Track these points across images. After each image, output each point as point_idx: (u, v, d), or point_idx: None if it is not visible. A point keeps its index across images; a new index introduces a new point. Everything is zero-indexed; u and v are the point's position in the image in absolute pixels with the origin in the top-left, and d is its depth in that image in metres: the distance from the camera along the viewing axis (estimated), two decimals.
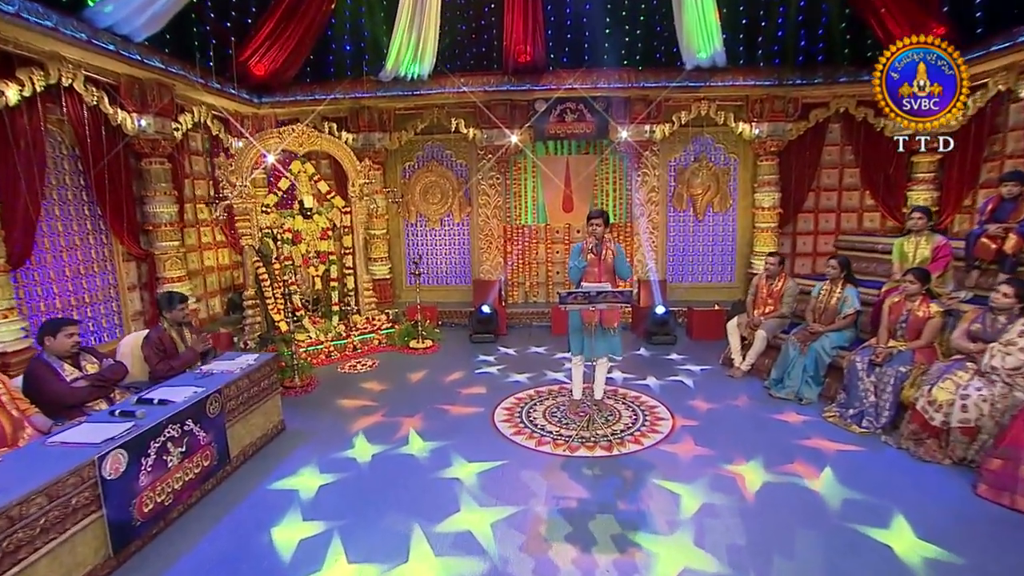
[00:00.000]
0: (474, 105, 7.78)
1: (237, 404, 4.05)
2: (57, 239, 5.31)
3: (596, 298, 4.01)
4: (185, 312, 4.28)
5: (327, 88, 7.64)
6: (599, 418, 4.61)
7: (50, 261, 5.22)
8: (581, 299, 4.01)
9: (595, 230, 4.45)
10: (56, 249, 5.30)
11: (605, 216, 4.50)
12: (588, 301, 4.04)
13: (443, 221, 8.78)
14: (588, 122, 7.82)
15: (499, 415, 4.92)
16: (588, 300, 4.03)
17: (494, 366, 6.28)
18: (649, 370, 6.03)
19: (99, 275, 5.75)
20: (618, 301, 4.02)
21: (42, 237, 5.14)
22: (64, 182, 5.40)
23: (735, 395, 5.26)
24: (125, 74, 5.62)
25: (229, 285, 7.83)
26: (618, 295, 3.98)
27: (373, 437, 4.45)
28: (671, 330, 6.98)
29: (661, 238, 8.48)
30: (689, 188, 8.35)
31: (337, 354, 6.71)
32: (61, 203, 5.36)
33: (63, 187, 5.38)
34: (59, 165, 5.35)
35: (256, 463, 4.09)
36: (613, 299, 4.00)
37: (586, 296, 4.01)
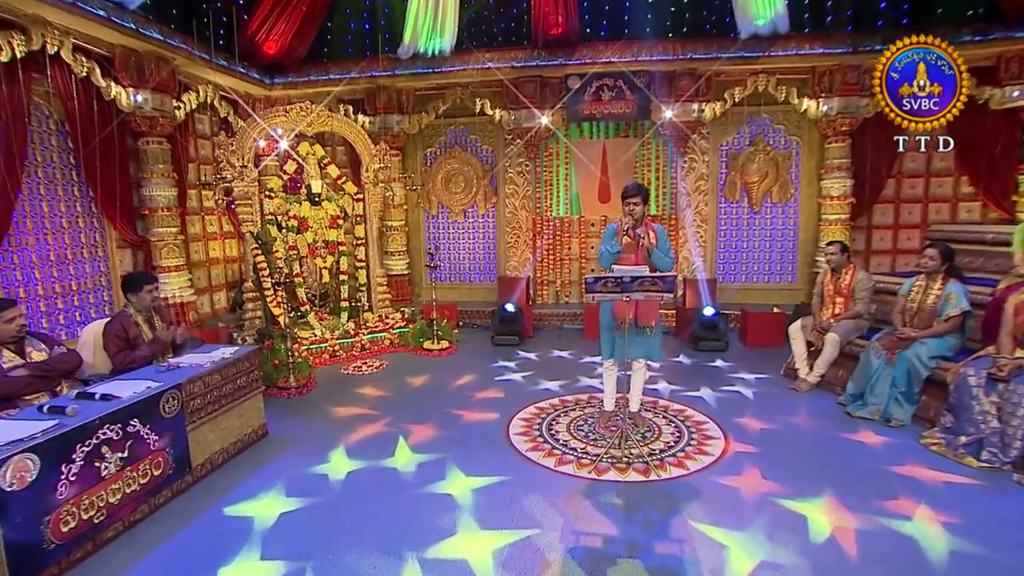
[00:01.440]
0: (500, 83, 7.23)
1: (204, 403, 3.57)
2: (42, 220, 5.03)
3: (631, 285, 3.33)
4: (154, 296, 3.85)
5: (342, 67, 7.26)
6: (634, 435, 3.91)
7: (32, 244, 4.94)
8: (612, 286, 3.33)
9: (632, 209, 3.82)
10: (40, 231, 5.02)
11: (644, 192, 3.86)
12: (621, 289, 3.37)
13: (466, 212, 8.24)
14: (627, 100, 7.14)
15: (515, 426, 4.29)
16: (621, 288, 3.36)
17: (516, 372, 5.65)
18: (700, 380, 5.26)
19: (89, 261, 5.46)
20: (658, 290, 3.32)
21: (23, 217, 4.86)
22: (51, 159, 5.13)
23: (801, 412, 4.45)
24: (120, 45, 5.33)
25: (236, 279, 7.50)
26: (658, 282, 3.29)
27: (357, 449, 3.91)
28: (722, 335, 6.18)
29: (710, 232, 7.67)
30: (743, 175, 7.52)
31: (343, 354, 6.23)
32: (47, 182, 5.09)
33: (50, 164, 5.11)
34: (46, 141, 5.08)
35: (225, 474, 3.59)
36: (651, 287, 3.31)
37: (618, 283, 3.33)
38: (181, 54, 5.76)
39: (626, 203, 3.85)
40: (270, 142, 6.71)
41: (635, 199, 3.82)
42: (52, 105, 5.09)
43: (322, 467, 3.62)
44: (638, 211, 3.83)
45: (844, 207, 6.95)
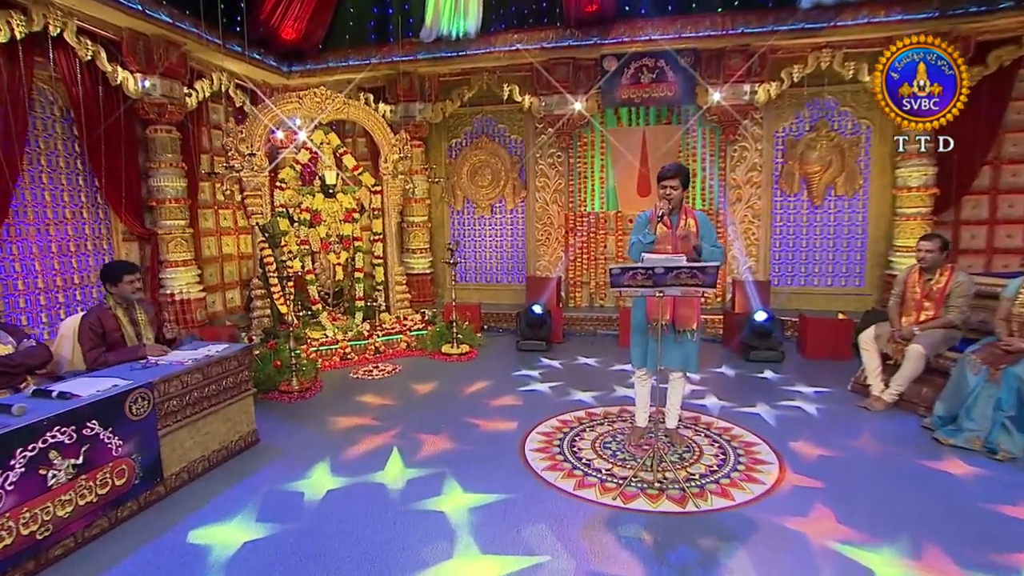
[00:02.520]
0: (530, 67, 6.87)
1: (182, 405, 3.31)
2: (43, 210, 4.97)
3: (664, 278, 2.87)
4: (136, 287, 3.63)
5: (362, 53, 7.05)
6: (669, 455, 3.43)
7: (33, 235, 4.87)
8: (642, 279, 2.88)
9: (669, 194, 3.40)
10: (42, 222, 4.95)
11: (684, 174, 3.44)
12: (653, 283, 2.91)
13: (494, 207, 7.89)
14: (670, 83, 6.64)
15: (532, 441, 3.88)
16: (652, 280, 2.90)
17: (540, 381, 5.22)
18: (753, 395, 4.71)
19: (93, 254, 5.38)
20: (697, 283, 2.85)
21: (23, 207, 4.80)
22: (55, 147, 5.07)
23: (874, 435, 3.85)
24: (127, 28, 5.25)
25: (250, 276, 7.36)
26: (697, 273, 2.82)
27: (345, 462, 3.58)
28: (776, 344, 5.57)
29: (764, 229, 7.05)
30: (803, 165, 6.88)
31: (355, 356, 5.96)
32: (50, 170, 5.02)
33: (53, 152, 5.05)
34: (49, 128, 5.03)
35: (203, 487, 3.32)
36: (689, 280, 2.84)
37: (649, 274, 2.88)
38: (191, 38, 5.65)
39: (662, 186, 3.45)
40: (288, 134, 6.56)
41: (672, 181, 3.41)
42: (57, 91, 5.04)
43: (300, 484, 3.30)
44: (676, 196, 3.42)
45: (925, 199, 6.21)
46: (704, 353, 6.01)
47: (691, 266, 2.80)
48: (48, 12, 4.60)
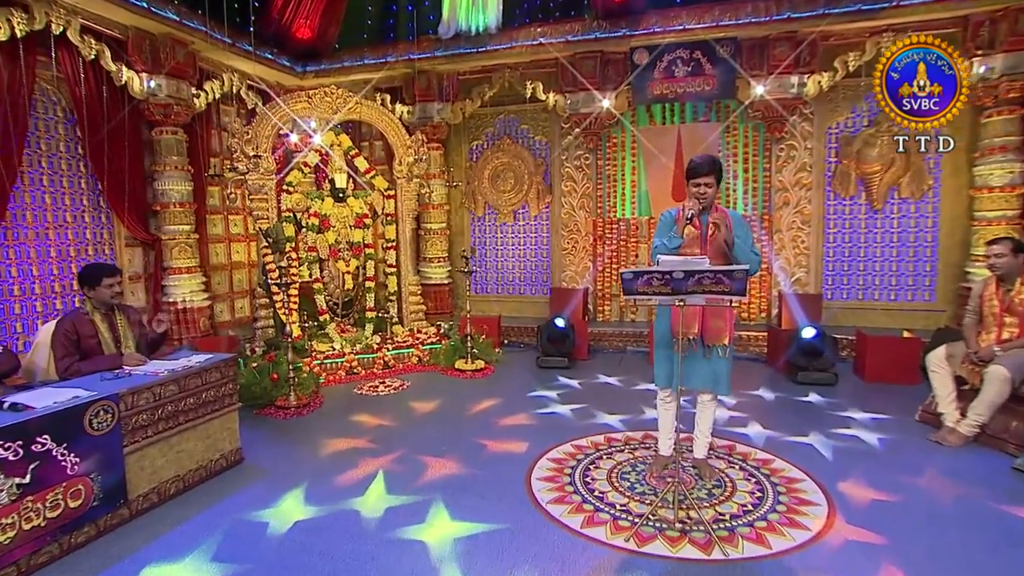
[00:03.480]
0: (554, 62, 6.65)
1: (152, 420, 3.15)
2: (43, 214, 4.99)
3: (684, 283, 2.54)
4: (115, 291, 3.52)
5: (378, 52, 6.99)
6: (695, 490, 3.06)
7: (32, 238, 4.90)
8: (658, 285, 2.56)
9: (703, 192, 3.08)
10: (41, 225, 4.97)
11: (717, 169, 3.12)
12: (670, 288, 2.58)
13: (516, 214, 7.65)
14: (707, 76, 6.30)
15: (541, 468, 3.57)
16: (671, 287, 2.57)
17: (559, 403, 4.89)
18: (801, 423, 4.26)
19: (94, 259, 5.38)
20: (722, 290, 2.51)
21: (22, 210, 4.83)
22: (57, 149, 5.11)
23: (950, 477, 3.36)
24: (133, 26, 5.29)
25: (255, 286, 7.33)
26: (722, 278, 2.47)
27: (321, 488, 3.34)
28: (828, 364, 5.08)
29: (815, 236, 6.57)
30: (860, 165, 6.38)
31: (362, 370, 5.77)
32: (51, 173, 5.06)
33: (55, 154, 5.09)
34: (52, 129, 5.07)
35: (175, 509, 3.14)
36: (713, 286, 2.50)
37: (666, 279, 2.55)
38: (199, 37, 5.66)
39: (694, 183, 3.11)
40: (303, 137, 6.52)
41: (706, 178, 3.07)
42: (60, 91, 5.09)
43: (267, 513, 3.06)
44: (709, 194, 3.09)
45: (1012, 200, 5.62)
46: (746, 374, 5.64)
47: (715, 270, 2.46)
48: (51, 10, 4.64)
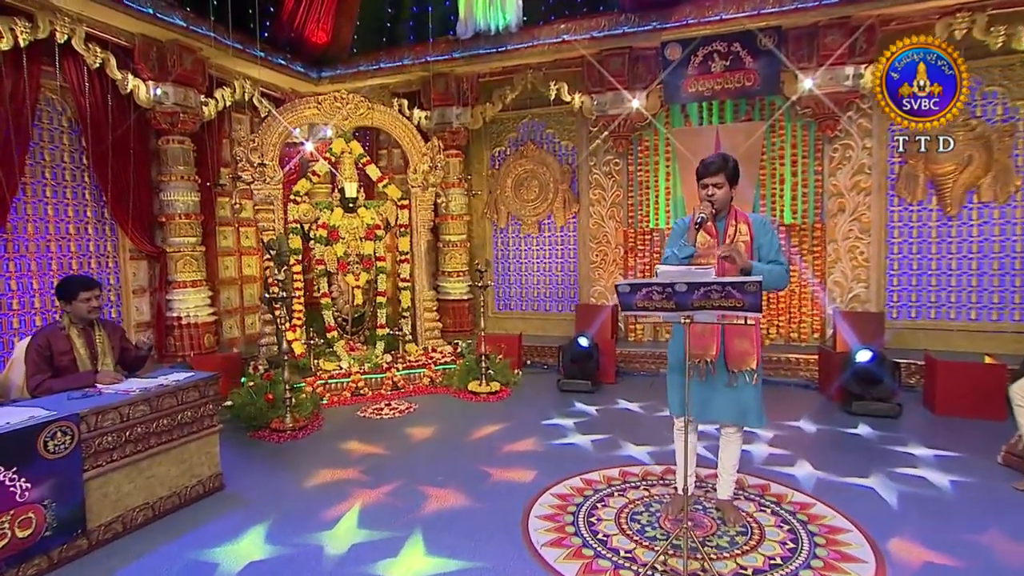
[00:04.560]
0: (580, 61, 6.44)
1: (119, 442, 3.07)
2: (45, 225, 5.08)
3: (687, 297, 2.25)
4: (93, 305, 3.47)
5: (394, 55, 6.94)
6: (713, 537, 2.72)
7: (32, 251, 4.98)
8: (659, 299, 2.28)
9: (712, 194, 2.85)
10: (43, 237, 5.06)
11: (730, 168, 2.88)
12: (674, 303, 2.30)
13: (541, 225, 7.42)
14: (747, 71, 5.95)
15: (542, 506, 3.30)
16: (674, 301, 2.29)
17: (576, 432, 4.60)
18: (857, 462, 3.84)
19: (96, 273, 5.44)
20: (733, 305, 2.21)
21: (24, 222, 4.92)
22: (61, 160, 5.21)
23: None
24: (139, 33, 5.37)
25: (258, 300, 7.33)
26: (732, 292, 2.17)
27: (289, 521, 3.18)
28: (888, 393, 4.60)
29: (876, 247, 6.07)
30: (930, 165, 5.87)
31: (369, 392, 5.62)
32: (55, 184, 5.15)
33: (59, 165, 5.19)
34: (56, 139, 5.18)
35: (141, 540, 3.02)
36: (722, 300, 2.20)
37: (668, 293, 2.27)
38: (208, 43, 5.72)
39: (702, 184, 2.90)
40: (320, 145, 6.51)
41: (714, 178, 2.84)
42: (66, 101, 5.20)
43: (222, 551, 2.90)
44: (721, 196, 2.85)
45: None
46: (792, 402, 5.20)
47: (723, 282, 2.15)
48: (55, 19, 4.74)
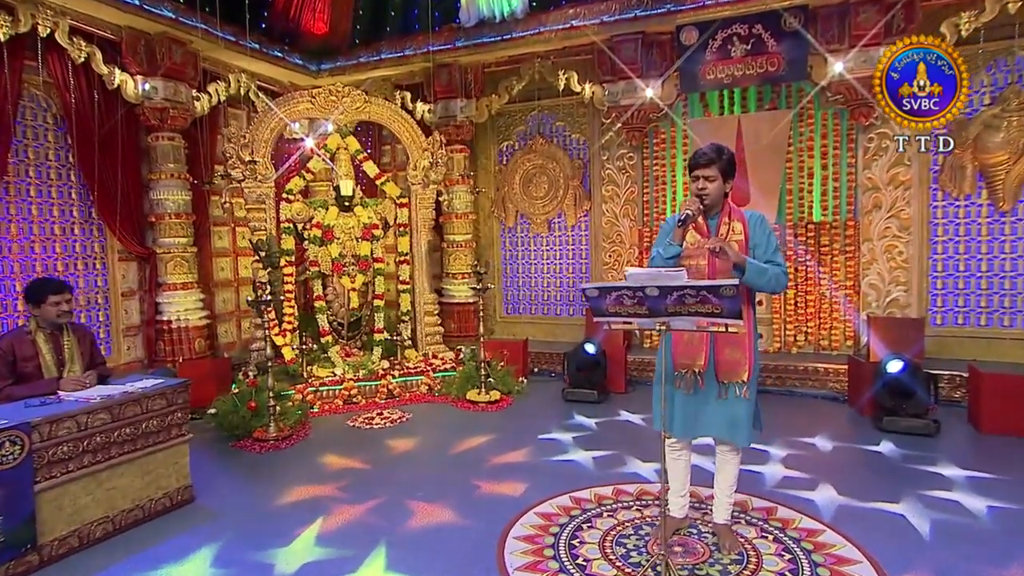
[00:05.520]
0: (590, 48, 6.26)
1: (76, 452, 3.02)
2: (29, 226, 5.10)
3: (660, 302, 2.05)
4: (63, 309, 3.42)
5: (395, 45, 6.84)
6: (704, 565, 2.51)
7: (16, 252, 5.00)
8: (630, 303, 2.09)
9: (703, 188, 2.65)
10: (27, 238, 5.08)
11: (724, 160, 2.67)
12: (647, 309, 2.11)
13: (551, 224, 7.23)
14: (771, 54, 5.67)
15: (524, 525, 3.15)
16: (646, 306, 2.09)
17: (577, 447, 4.40)
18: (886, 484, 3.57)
19: (83, 275, 5.46)
20: (709, 312, 2.01)
21: (7, 222, 4.95)
22: (46, 158, 5.23)
23: None
24: (127, 26, 5.37)
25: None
26: (708, 296, 1.97)
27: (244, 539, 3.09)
28: (923, 407, 4.28)
29: (917, 246, 5.72)
30: (979, 154, 5.51)
31: (362, 400, 5.52)
32: (39, 183, 5.18)
33: (44, 163, 5.21)
34: (41, 137, 5.20)
35: (96, 558, 2.96)
36: (699, 305, 2.00)
37: (639, 297, 2.08)
38: (198, 35, 5.70)
39: (693, 177, 2.71)
40: (320, 140, 6.45)
41: (706, 170, 2.65)
42: (51, 97, 5.22)
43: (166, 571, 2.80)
44: (713, 190, 2.64)
45: None
46: (816, 417, 4.91)
47: (697, 286, 1.95)
48: (37, 12, 4.75)
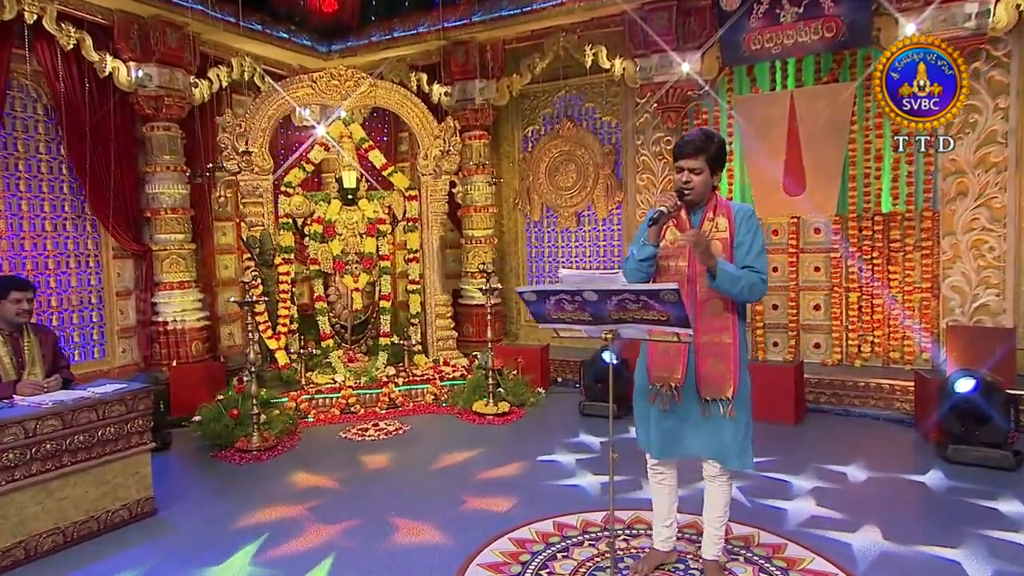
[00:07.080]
0: (620, 19, 5.88)
1: (23, 460, 3.02)
2: (19, 222, 5.18)
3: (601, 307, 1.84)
4: (23, 308, 3.44)
5: (408, 23, 6.65)
6: None
7: (5, 250, 5.09)
8: (572, 308, 1.88)
9: (688, 180, 2.43)
10: (16, 235, 5.17)
11: (713, 148, 2.45)
12: (590, 314, 1.83)
13: (581, 217, 6.89)
14: (828, 17, 5.15)
15: (494, 551, 3.04)
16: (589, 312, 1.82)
17: (584, 469, 4.10)
18: (949, 527, 3.12)
19: (76, 273, 5.52)
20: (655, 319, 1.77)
21: None
22: (36, 151, 5.30)
23: None
24: (118, 9, 5.37)
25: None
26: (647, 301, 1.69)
27: (182, 562, 3.00)
28: (1001, 436, 3.71)
29: (1014, 240, 5.08)
30: None
31: (361, 409, 5.38)
32: (29, 177, 5.25)
33: (34, 157, 5.29)
34: (31, 129, 5.28)
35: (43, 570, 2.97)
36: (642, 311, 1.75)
37: (578, 302, 1.80)
38: (195, 17, 5.66)
39: (678, 167, 2.48)
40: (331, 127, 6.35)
41: (693, 161, 2.42)
42: (41, 87, 5.29)
43: None
44: (697, 184, 2.40)
45: None
46: (872, 441, 4.46)
47: (636, 290, 1.66)
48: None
